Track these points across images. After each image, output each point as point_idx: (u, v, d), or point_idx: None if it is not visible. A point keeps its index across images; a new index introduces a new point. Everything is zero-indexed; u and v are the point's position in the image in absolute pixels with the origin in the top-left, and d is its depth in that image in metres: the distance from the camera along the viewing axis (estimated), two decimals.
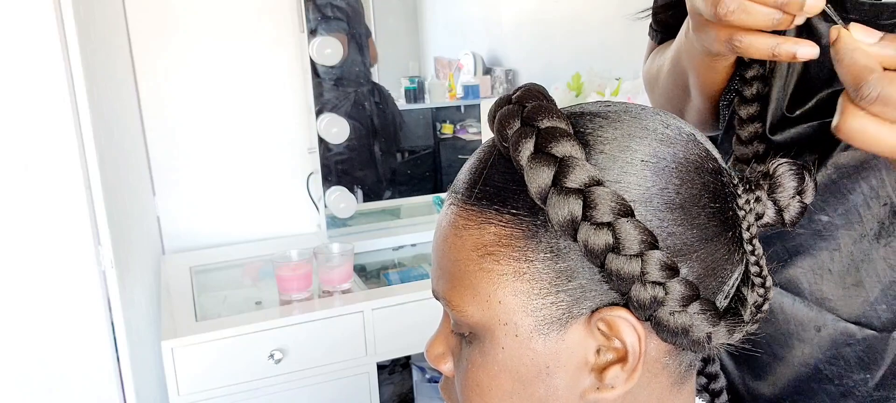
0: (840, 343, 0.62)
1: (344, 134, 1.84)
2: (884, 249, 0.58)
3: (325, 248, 1.61)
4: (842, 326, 0.62)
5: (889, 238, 0.58)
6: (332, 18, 1.89)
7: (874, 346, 0.61)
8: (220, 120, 1.89)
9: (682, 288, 0.41)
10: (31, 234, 1.07)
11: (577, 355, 0.44)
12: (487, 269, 0.44)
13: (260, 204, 1.97)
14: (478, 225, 0.44)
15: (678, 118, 0.47)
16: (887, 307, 0.59)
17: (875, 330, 0.60)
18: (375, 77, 2.07)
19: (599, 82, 2.15)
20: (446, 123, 2.19)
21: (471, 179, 0.46)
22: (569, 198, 0.40)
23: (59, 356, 1.12)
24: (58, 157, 1.06)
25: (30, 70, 1.03)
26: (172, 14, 1.81)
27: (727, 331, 0.42)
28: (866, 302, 0.60)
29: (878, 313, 0.60)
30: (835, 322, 0.62)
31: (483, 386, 0.47)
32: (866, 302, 0.60)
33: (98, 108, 1.18)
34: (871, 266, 0.59)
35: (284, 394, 1.48)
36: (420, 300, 1.55)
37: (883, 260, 0.59)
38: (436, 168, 2.20)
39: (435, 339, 0.52)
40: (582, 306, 0.43)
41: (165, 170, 1.88)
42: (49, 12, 1.02)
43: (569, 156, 0.41)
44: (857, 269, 0.60)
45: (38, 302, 1.10)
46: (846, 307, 0.61)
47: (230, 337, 1.42)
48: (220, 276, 1.79)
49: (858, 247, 0.59)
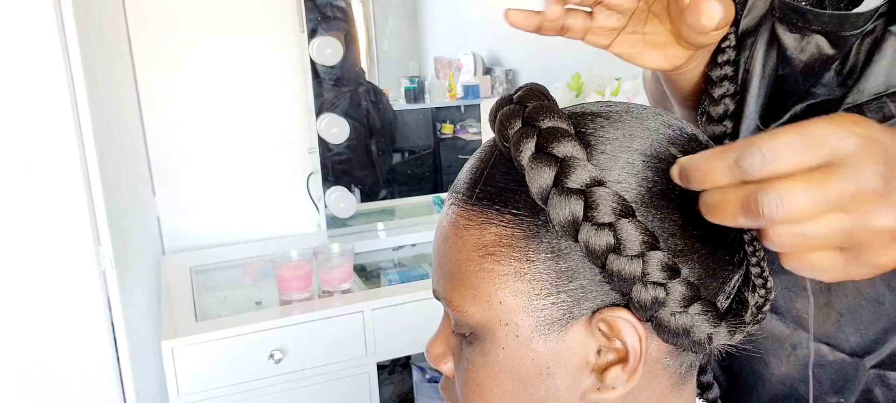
0: (814, 364, 0.61)
1: (344, 134, 1.84)
2: None
3: (325, 248, 1.60)
4: (815, 346, 0.61)
5: None
6: (331, 18, 1.89)
7: (845, 370, 0.60)
8: (220, 120, 1.89)
9: (683, 289, 0.41)
10: (31, 234, 1.07)
11: (578, 355, 0.44)
12: (488, 269, 0.44)
13: (260, 204, 1.97)
14: (479, 225, 0.44)
15: (680, 119, 0.47)
16: (854, 330, 0.58)
17: (845, 354, 0.59)
18: (376, 77, 2.07)
19: (599, 82, 2.15)
20: (446, 123, 2.19)
21: (472, 179, 0.46)
22: (570, 198, 0.40)
23: (59, 356, 1.12)
24: (58, 157, 1.06)
25: (30, 70, 1.03)
26: (172, 14, 1.81)
27: (728, 332, 0.42)
28: (836, 323, 0.59)
29: (846, 335, 0.59)
30: (808, 341, 0.61)
31: (483, 386, 0.47)
32: (836, 324, 0.59)
33: (98, 108, 1.18)
34: (840, 286, 0.58)
35: (284, 394, 1.48)
36: (420, 300, 1.55)
37: (851, 281, 0.57)
38: (436, 168, 2.20)
39: (435, 339, 0.52)
40: (583, 306, 0.43)
41: (165, 170, 1.88)
42: (49, 12, 1.02)
43: (570, 157, 0.41)
44: (828, 289, 0.59)
45: (38, 302, 1.10)
46: (818, 327, 0.60)
47: (230, 337, 1.42)
48: (220, 276, 1.79)
49: None
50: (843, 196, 0.34)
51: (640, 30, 0.56)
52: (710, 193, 0.37)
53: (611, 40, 0.57)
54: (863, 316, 0.58)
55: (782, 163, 0.34)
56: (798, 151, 0.34)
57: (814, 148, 0.34)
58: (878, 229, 0.35)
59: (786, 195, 0.34)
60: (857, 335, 0.58)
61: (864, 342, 0.58)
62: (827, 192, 0.34)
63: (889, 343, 0.57)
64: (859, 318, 0.58)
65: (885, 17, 0.53)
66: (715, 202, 0.37)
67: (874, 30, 0.53)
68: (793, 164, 0.34)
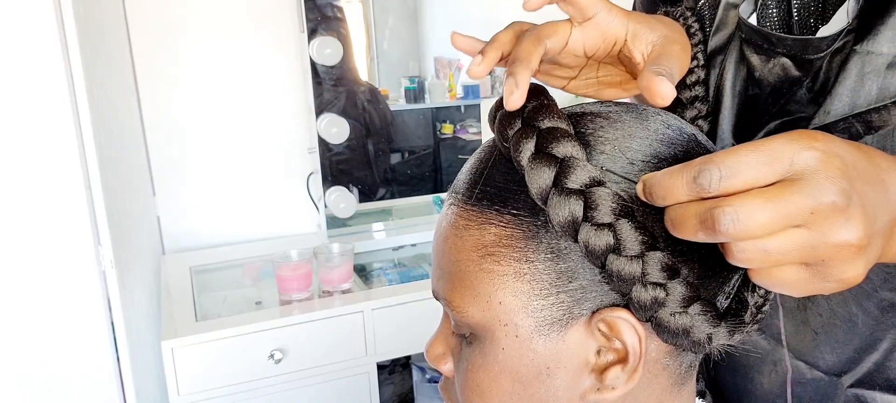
0: (794, 381, 0.61)
1: (344, 134, 1.84)
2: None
3: (325, 248, 1.60)
4: (794, 363, 0.60)
5: None
6: (331, 18, 1.89)
7: (823, 390, 0.59)
8: (220, 120, 1.89)
9: (682, 289, 0.41)
10: (31, 234, 1.07)
11: (578, 356, 0.44)
12: (488, 270, 0.44)
13: (260, 205, 1.97)
14: (478, 225, 0.44)
15: (679, 118, 0.47)
16: (830, 349, 0.58)
17: (822, 373, 0.59)
18: (376, 77, 2.07)
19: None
20: (446, 123, 2.19)
21: (471, 179, 0.46)
22: (570, 198, 0.40)
23: (59, 356, 1.12)
24: (58, 157, 1.06)
25: (30, 70, 1.03)
26: (172, 14, 1.81)
27: (728, 332, 0.42)
28: (812, 341, 0.58)
29: (823, 354, 0.58)
30: (788, 358, 0.61)
31: (483, 387, 0.47)
32: (812, 342, 0.59)
33: (98, 108, 1.18)
34: (815, 306, 0.58)
35: (284, 394, 1.48)
36: (420, 300, 1.55)
37: (824, 300, 0.57)
38: (436, 168, 2.20)
39: (435, 340, 0.52)
40: (582, 307, 0.43)
41: (165, 170, 1.88)
42: (49, 12, 1.02)
43: (570, 157, 0.41)
44: (803, 307, 0.59)
45: (38, 302, 1.10)
46: (796, 344, 0.60)
47: (230, 337, 1.42)
48: (220, 276, 1.79)
49: None
50: (801, 210, 0.34)
51: (594, 75, 0.55)
52: (672, 208, 0.38)
53: (563, 85, 0.56)
54: (837, 335, 0.57)
55: (739, 180, 0.34)
56: (755, 167, 0.34)
57: (771, 164, 0.34)
58: (838, 244, 0.35)
59: (742, 211, 0.34)
60: (833, 354, 0.58)
61: (840, 361, 0.58)
62: (784, 207, 0.34)
63: (865, 363, 0.56)
64: (834, 337, 0.57)
65: (855, 34, 0.51)
66: (676, 217, 0.37)
67: (844, 46, 0.52)
68: (751, 180, 0.34)
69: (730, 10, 0.59)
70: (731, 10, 0.59)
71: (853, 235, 0.35)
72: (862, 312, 0.55)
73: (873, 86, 0.50)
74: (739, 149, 0.35)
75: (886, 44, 0.49)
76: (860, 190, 0.35)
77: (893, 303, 0.54)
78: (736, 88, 0.59)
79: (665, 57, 0.48)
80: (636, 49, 0.49)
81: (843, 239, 0.35)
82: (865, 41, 0.50)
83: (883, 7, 0.49)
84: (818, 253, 0.35)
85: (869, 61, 0.50)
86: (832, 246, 0.35)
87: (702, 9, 0.62)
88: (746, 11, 0.58)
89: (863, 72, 0.50)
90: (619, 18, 0.50)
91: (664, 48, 0.49)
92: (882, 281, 0.54)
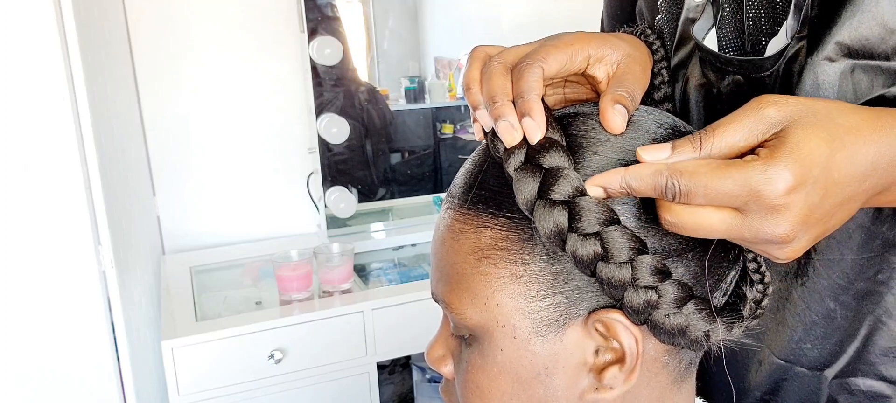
0: (778, 378, 0.61)
1: (344, 134, 1.85)
2: (801, 289, 0.57)
3: (325, 248, 1.61)
4: (776, 362, 0.61)
5: (804, 277, 0.57)
6: (331, 18, 1.89)
7: (807, 384, 0.60)
8: (220, 119, 1.89)
9: (675, 290, 0.41)
10: (31, 234, 1.07)
11: (576, 356, 0.44)
12: (485, 272, 0.44)
13: (260, 205, 1.97)
14: (474, 228, 0.44)
15: (673, 116, 0.47)
16: (812, 345, 0.58)
17: (805, 368, 0.60)
18: (376, 77, 2.07)
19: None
20: (446, 123, 2.19)
21: (466, 183, 0.46)
22: (553, 209, 0.40)
23: (59, 356, 1.13)
24: (58, 157, 1.07)
25: (30, 70, 1.03)
26: (172, 14, 1.81)
27: (725, 328, 0.42)
28: (791, 340, 0.59)
29: (804, 351, 0.59)
30: (770, 356, 0.61)
31: (483, 388, 0.47)
32: (792, 341, 0.59)
33: (98, 108, 1.18)
34: (792, 305, 0.58)
35: (284, 394, 1.48)
36: (420, 300, 1.55)
37: (801, 299, 0.58)
38: (436, 168, 2.21)
39: (435, 341, 0.52)
40: (579, 307, 0.43)
41: (165, 170, 1.88)
42: (49, 12, 1.02)
43: (555, 167, 0.41)
44: (781, 307, 0.59)
45: (38, 302, 1.10)
46: (776, 343, 0.61)
47: (230, 337, 1.42)
48: (220, 276, 1.79)
49: (782, 284, 0.58)
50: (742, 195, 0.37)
51: (561, 91, 0.56)
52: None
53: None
54: (817, 332, 0.58)
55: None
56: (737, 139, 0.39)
57: (747, 138, 0.39)
58: (766, 238, 0.37)
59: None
60: (814, 350, 0.59)
61: (822, 356, 0.58)
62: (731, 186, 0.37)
63: (846, 353, 0.57)
64: (814, 334, 0.58)
65: (807, 46, 0.51)
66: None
67: (797, 58, 0.52)
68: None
69: (689, 25, 0.60)
70: (690, 25, 0.60)
71: (780, 230, 0.37)
72: (840, 306, 0.56)
73: (830, 96, 0.50)
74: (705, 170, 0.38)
75: (835, 54, 0.50)
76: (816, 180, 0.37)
77: (870, 291, 0.55)
78: (700, 102, 0.60)
79: (629, 77, 0.48)
80: (601, 69, 0.50)
81: (771, 234, 0.37)
82: (816, 53, 0.50)
83: (829, 18, 0.50)
84: (744, 236, 0.38)
85: (822, 72, 0.50)
86: (759, 236, 0.38)
87: (660, 23, 0.62)
88: (703, 29, 0.59)
89: (817, 83, 0.51)
90: (586, 43, 0.50)
91: (628, 68, 0.49)
92: (857, 273, 0.54)
